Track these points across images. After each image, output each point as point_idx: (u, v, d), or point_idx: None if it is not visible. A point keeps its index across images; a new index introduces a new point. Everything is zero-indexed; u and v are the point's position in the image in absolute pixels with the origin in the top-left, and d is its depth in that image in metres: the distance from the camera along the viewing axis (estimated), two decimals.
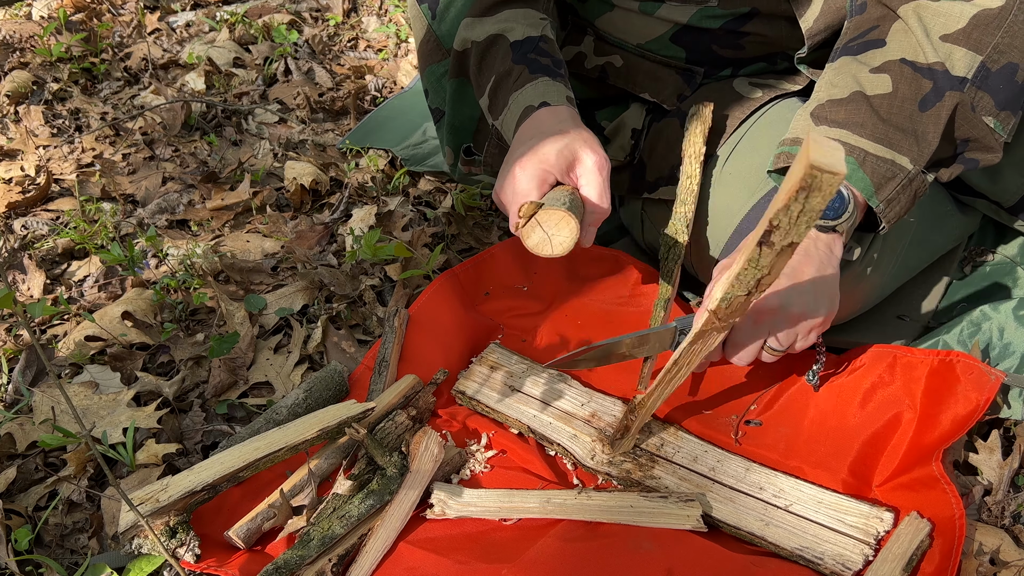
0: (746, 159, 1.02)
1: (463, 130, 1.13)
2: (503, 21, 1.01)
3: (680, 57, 1.09)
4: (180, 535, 0.82)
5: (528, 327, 1.15)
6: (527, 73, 0.96)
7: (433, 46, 1.09)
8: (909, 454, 0.89)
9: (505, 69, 0.97)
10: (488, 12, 1.02)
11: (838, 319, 1.04)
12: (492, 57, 1.00)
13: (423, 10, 1.09)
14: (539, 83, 0.95)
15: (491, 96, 1.00)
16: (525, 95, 0.94)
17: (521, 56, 0.97)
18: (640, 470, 0.92)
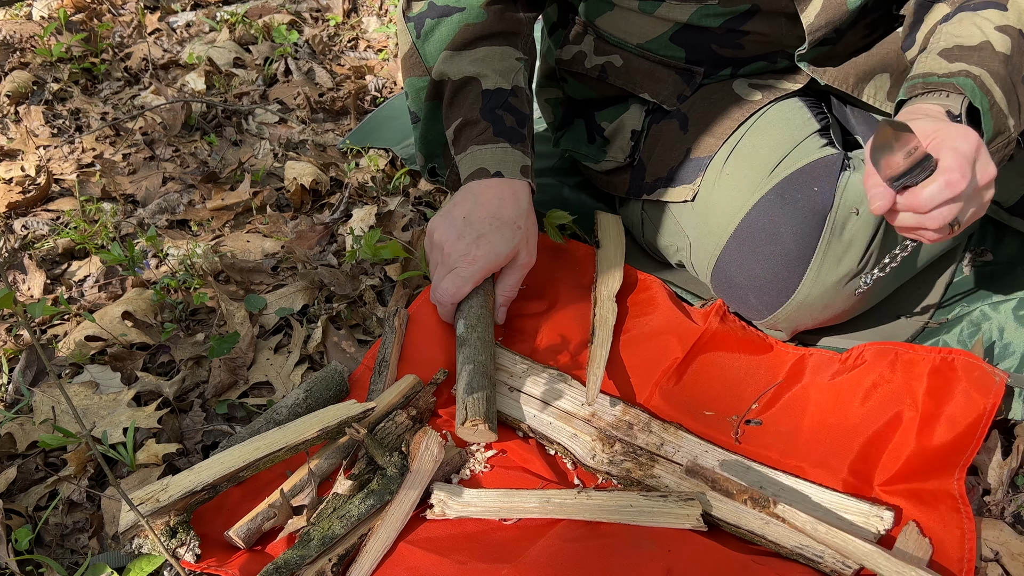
0: (746, 159, 1.02)
1: (434, 143, 1.21)
2: (479, 63, 1.06)
3: (680, 57, 1.09)
4: (180, 535, 0.82)
5: (529, 327, 1.15)
6: (490, 133, 1.04)
7: (415, 61, 1.14)
8: (915, 457, 0.89)
9: (472, 118, 1.05)
10: (468, 46, 1.08)
11: (838, 319, 1.04)
12: (463, 99, 1.06)
13: (409, 27, 1.13)
14: (499, 149, 1.03)
15: (455, 134, 1.07)
16: (483, 155, 1.03)
17: (489, 111, 1.04)
18: (640, 469, 0.92)
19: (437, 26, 1.10)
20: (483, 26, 1.08)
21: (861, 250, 0.95)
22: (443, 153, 1.22)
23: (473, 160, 1.04)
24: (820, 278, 0.95)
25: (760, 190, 0.98)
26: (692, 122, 1.08)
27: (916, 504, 0.85)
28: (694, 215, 1.05)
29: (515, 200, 1.02)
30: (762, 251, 0.97)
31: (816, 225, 0.94)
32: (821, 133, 1.03)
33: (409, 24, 1.13)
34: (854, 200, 0.95)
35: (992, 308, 1.07)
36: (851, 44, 1.04)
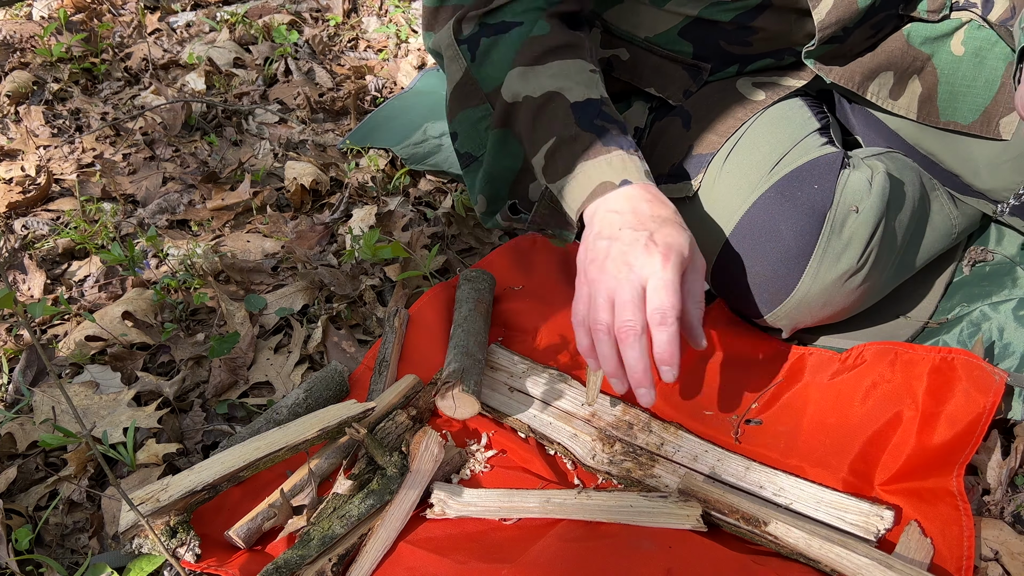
0: (746, 156, 1.02)
1: (501, 180, 1.05)
2: (558, 77, 0.94)
3: (687, 52, 1.09)
4: (180, 535, 0.82)
5: (529, 327, 1.15)
6: (599, 144, 0.89)
7: (470, 89, 1.00)
8: (914, 456, 0.89)
9: (570, 134, 0.91)
10: (538, 61, 0.95)
11: (838, 317, 1.04)
12: (550, 116, 0.93)
13: (462, 51, 0.99)
14: (615, 157, 0.89)
15: (548, 158, 0.93)
16: (599, 168, 0.88)
17: (588, 122, 0.91)
18: (640, 469, 0.92)
19: (495, 45, 0.97)
20: (549, 39, 0.96)
21: (860, 248, 0.95)
22: (512, 190, 1.06)
23: (587, 178, 0.89)
24: (819, 276, 0.95)
25: (760, 188, 0.98)
26: (695, 119, 1.08)
27: (916, 503, 0.85)
28: (694, 213, 1.05)
29: (661, 200, 0.88)
30: (762, 249, 0.97)
31: (815, 223, 0.94)
32: (821, 132, 1.04)
33: (462, 47, 0.99)
34: (853, 198, 0.95)
35: (992, 308, 1.07)
36: (857, 44, 1.04)
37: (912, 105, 1.06)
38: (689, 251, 0.83)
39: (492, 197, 1.06)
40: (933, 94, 1.04)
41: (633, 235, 0.82)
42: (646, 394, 0.82)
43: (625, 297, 0.80)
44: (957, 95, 1.02)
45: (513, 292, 1.21)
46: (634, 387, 0.83)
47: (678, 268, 0.80)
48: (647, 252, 0.80)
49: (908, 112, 1.06)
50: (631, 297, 0.80)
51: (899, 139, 1.11)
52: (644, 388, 0.82)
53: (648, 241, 0.81)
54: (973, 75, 1.01)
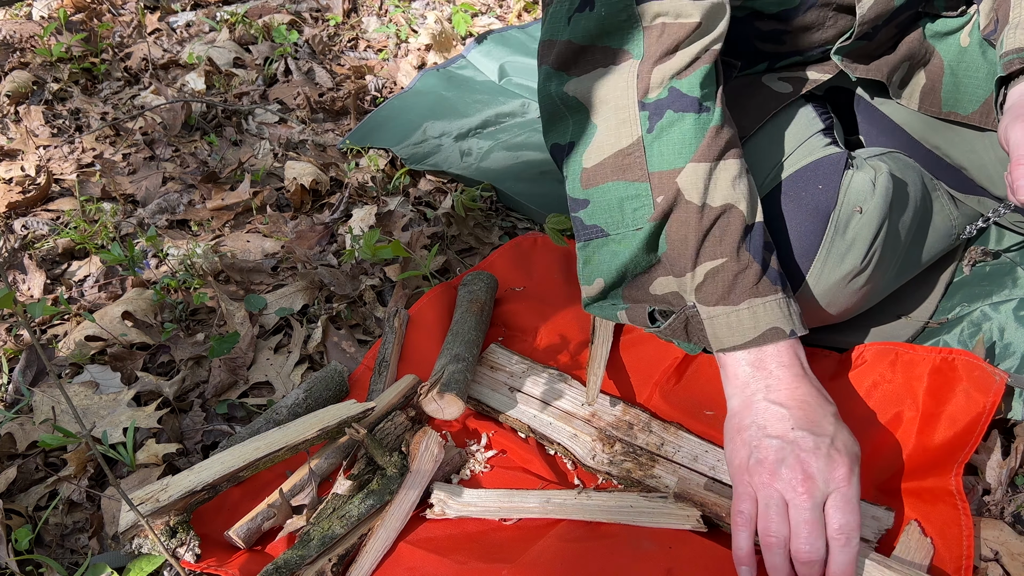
0: (750, 157, 1.02)
1: (630, 274, 0.93)
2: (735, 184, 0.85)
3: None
4: (180, 535, 0.82)
5: (529, 327, 1.15)
6: (767, 282, 0.84)
7: (633, 162, 0.87)
8: (914, 456, 0.89)
9: (743, 264, 0.83)
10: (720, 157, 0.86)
11: (840, 317, 1.04)
12: (720, 233, 0.84)
13: (641, 118, 0.86)
14: (782, 301, 0.84)
15: (709, 278, 0.84)
16: (770, 311, 0.83)
17: (758, 251, 0.85)
18: (640, 469, 0.92)
19: (679, 123, 0.85)
20: (726, 130, 0.87)
21: (864, 248, 0.95)
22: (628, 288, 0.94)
23: (754, 317, 0.82)
24: (823, 276, 0.95)
25: (764, 188, 0.98)
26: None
27: (915, 503, 0.85)
28: None
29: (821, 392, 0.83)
30: None
31: (819, 223, 0.94)
32: (825, 132, 1.04)
33: (643, 114, 0.86)
34: (857, 199, 0.95)
35: (992, 308, 1.07)
36: (882, 42, 1.05)
37: (914, 95, 1.06)
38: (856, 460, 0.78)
39: (613, 285, 0.95)
40: (937, 85, 1.04)
41: (814, 441, 0.76)
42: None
43: (807, 516, 0.74)
44: (960, 85, 1.03)
45: (513, 292, 1.21)
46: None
47: (859, 481, 0.76)
48: (830, 464, 0.75)
49: (910, 102, 1.07)
50: (814, 517, 0.74)
51: (905, 134, 1.11)
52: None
53: (830, 450, 0.76)
54: (977, 66, 1.01)
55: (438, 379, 0.96)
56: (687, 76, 0.86)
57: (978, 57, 1.01)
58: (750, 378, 0.83)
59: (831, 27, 1.04)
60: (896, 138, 1.13)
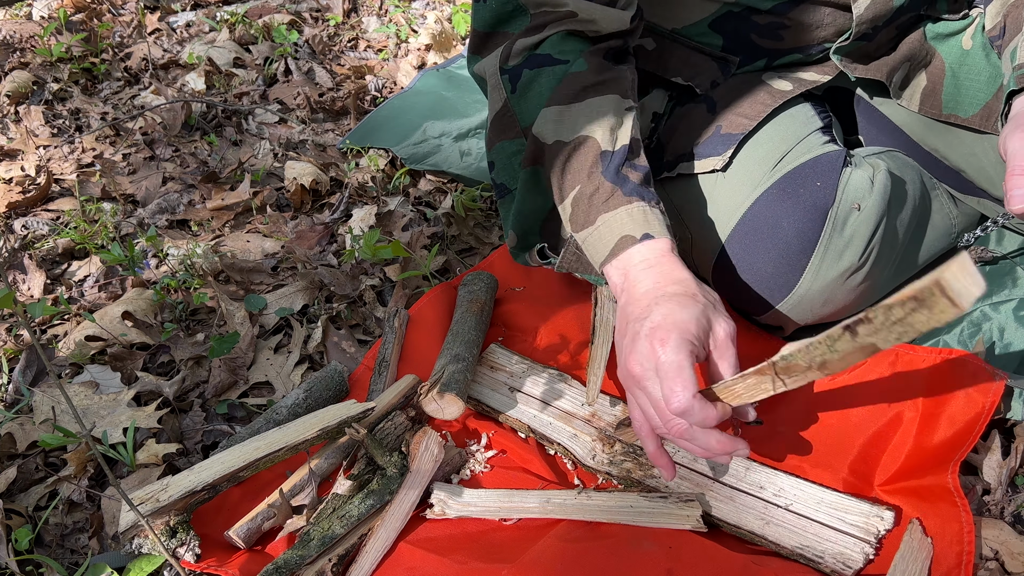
0: (749, 153, 1.02)
1: (532, 218, 1.04)
2: (591, 118, 0.92)
3: (717, 45, 1.08)
4: (180, 535, 0.82)
5: (529, 327, 1.15)
6: (620, 194, 0.88)
7: (509, 122, 0.99)
8: (913, 455, 0.89)
9: (594, 185, 0.90)
10: (576, 98, 0.94)
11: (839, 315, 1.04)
12: (578, 164, 0.92)
13: (503, 81, 0.98)
14: (635, 209, 0.88)
15: (574, 206, 0.92)
16: (619, 220, 0.87)
17: (613, 172, 0.90)
18: (640, 469, 0.92)
19: (536, 79, 0.95)
20: (588, 75, 0.94)
21: (862, 245, 0.95)
22: (544, 228, 1.04)
23: (609, 231, 0.88)
24: (821, 273, 0.96)
25: (762, 185, 0.99)
26: (720, 106, 1.08)
27: (915, 501, 0.85)
28: (696, 209, 1.05)
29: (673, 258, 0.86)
30: (764, 246, 0.97)
31: (818, 220, 0.94)
32: (823, 131, 1.04)
33: (504, 78, 0.98)
34: (855, 196, 0.95)
35: (992, 308, 1.07)
36: (882, 43, 1.05)
37: (915, 97, 1.06)
38: (697, 324, 0.78)
39: (523, 234, 1.04)
40: (938, 87, 1.04)
41: (637, 328, 0.79)
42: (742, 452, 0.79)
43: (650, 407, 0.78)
44: (961, 88, 1.03)
45: (513, 292, 1.21)
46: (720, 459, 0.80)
47: (679, 348, 0.75)
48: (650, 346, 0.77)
49: (910, 104, 1.07)
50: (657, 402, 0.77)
51: (904, 135, 1.11)
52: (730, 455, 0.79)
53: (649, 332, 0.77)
54: (979, 69, 1.01)
55: (438, 379, 0.96)
56: (544, 43, 0.96)
57: (980, 60, 1.01)
58: (619, 289, 0.86)
59: (830, 25, 1.04)
60: (895, 139, 1.13)
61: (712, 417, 0.74)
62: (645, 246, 0.86)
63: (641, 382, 0.78)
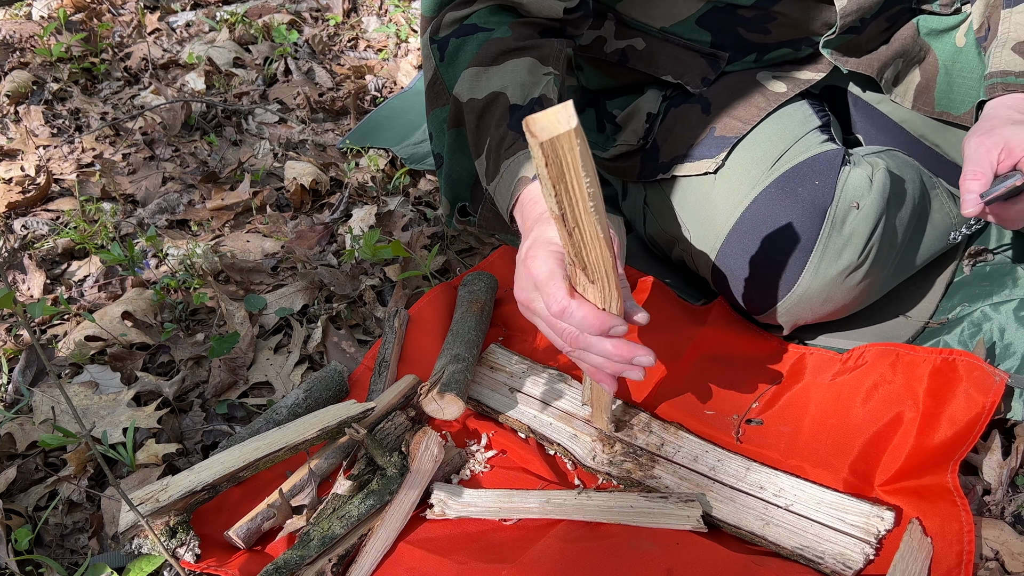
0: (747, 153, 1.02)
1: (460, 182, 1.05)
2: (505, 78, 0.94)
3: (705, 41, 1.08)
4: (180, 535, 0.82)
5: (529, 327, 1.15)
6: (521, 141, 0.89)
7: (439, 89, 1.01)
8: (914, 455, 0.89)
9: (500, 134, 0.91)
10: (494, 62, 0.95)
11: (838, 314, 1.04)
12: (489, 118, 0.94)
13: (433, 50, 1.01)
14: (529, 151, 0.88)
15: (486, 159, 0.94)
16: (518, 163, 0.88)
17: (517, 121, 0.90)
18: (640, 470, 0.92)
19: (462, 46, 0.98)
20: (509, 41, 0.97)
21: (861, 244, 0.95)
22: (471, 193, 1.05)
23: (508, 175, 0.88)
24: (820, 271, 0.96)
25: (761, 183, 0.99)
26: (715, 107, 1.08)
27: (915, 501, 0.85)
28: (695, 209, 1.05)
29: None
30: (762, 245, 0.97)
31: (816, 219, 0.94)
32: (822, 129, 1.04)
33: (433, 47, 1.01)
34: (854, 195, 0.95)
35: (993, 308, 1.07)
36: (872, 36, 1.05)
37: (908, 93, 1.06)
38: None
39: (454, 199, 1.06)
40: (931, 84, 1.04)
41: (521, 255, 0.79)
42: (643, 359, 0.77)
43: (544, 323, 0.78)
44: (954, 85, 1.03)
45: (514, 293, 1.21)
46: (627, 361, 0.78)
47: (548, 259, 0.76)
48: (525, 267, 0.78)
49: (904, 100, 1.07)
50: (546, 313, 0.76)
51: (904, 132, 1.11)
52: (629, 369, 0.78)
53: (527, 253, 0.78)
54: (972, 67, 1.01)
55: (438, 379, 0.96)
56: (473, 15, 0.99)
57: (973, 58, 1.01)
58: (521, 228, 0.86)
59: (816, 18, 1.04)
60: (895, 136, 1.13)
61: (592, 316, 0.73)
62: (534, 186, 0.86)
63: (529, 305, 0.79)
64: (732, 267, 1.01)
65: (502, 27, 0.98)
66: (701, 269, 1.10)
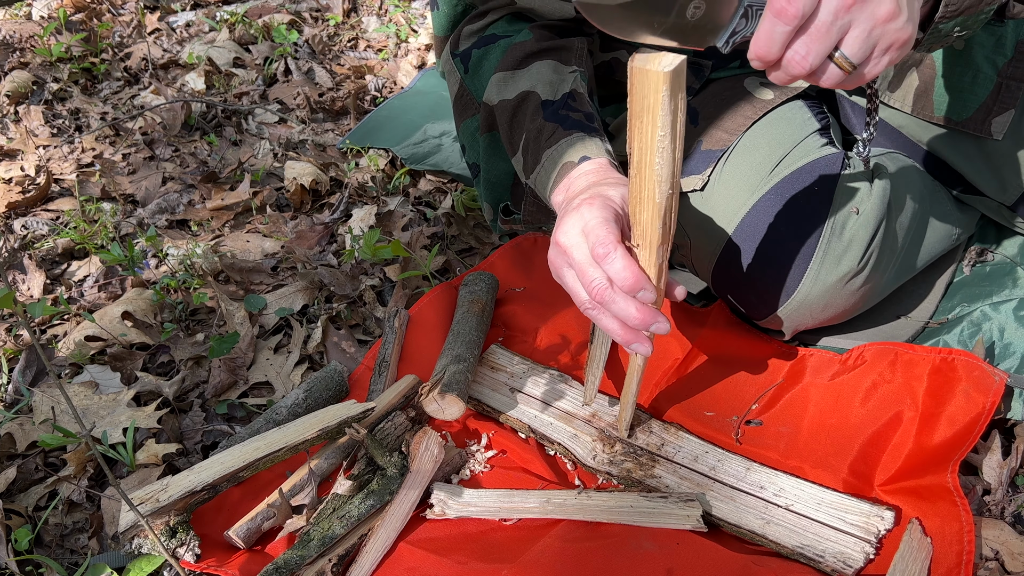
0: (746, 158, 1.02)
1: (499, 185, 1.07)
2: (533, 78, 0.96)
3: (688, 51, 1.08)
4: (180, 535, 0.82)
5: (529, 328, 1.15)
6: (561, 130, 0.91)
7: (467, 100, 1.04)
8: (913, 455, 0.89)
9: (536, 127, 0.93)
10: (520, 65, 0.98)
11: (839, 319, 1.04)
12: (522, 115, 0.96)
13: (456, 63, 1.04)
14: (574, 138, 0.90)
15: (524, 154, 0.95)
16: (560, 151, 0.90)
17: (552, 113, 0.92)
18: (641, 469, 0.92)
19: (485, 56, 1.01)
20: (531, 44, 0.99)
21: (861, 250, 0.95)
22: (514, 193, 1.08)
23: (551, 163, 0.90)
24: (820, 277, 0.95)
25: (760, 189, 0.98)
26: (703, 117, 1.08)
27: (915, 501, 0.85)
28: (695, 214, 1.05)
29: (611, 169, 0.85)
30: (762, 251, 0.97)
31: (816, 224, 0.94)
32: (821, 132, 1.04)
33: (456, 60, 1.04)
34: (854, 199, 0.95)
35: (992, 308, 1.07)
36: None
37: (907, 98, 1.06)
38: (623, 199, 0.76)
39: (495, 203, 1.08)
40: (930, 88, 1.04)
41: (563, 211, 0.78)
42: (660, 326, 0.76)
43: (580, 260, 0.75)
44: (954, 90, 1.02)
45: (514, 293, 1.21)
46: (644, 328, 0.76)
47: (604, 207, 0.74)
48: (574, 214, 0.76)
49: (903, 105, 1.06)
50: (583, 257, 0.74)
51: (902, 136, 1.11)
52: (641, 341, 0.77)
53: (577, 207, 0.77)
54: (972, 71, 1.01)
55: (439, 379, 0.96)
56: (491, 26, 1.01)
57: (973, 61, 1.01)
58: (565, 199, 0.85)
59: None
60: (894, 140, 1.13)
61: (631, 269, 0.71)
62: (583, 165, 0.86)
63: (568, 252, 0.75)
64: (732, 273, 1.01)
65: (522, 32, 0.99)
66: (701, 273, 1.10)
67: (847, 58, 0.66)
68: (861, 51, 0.66)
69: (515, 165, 0.98)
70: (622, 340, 0.77)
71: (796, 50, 0.65)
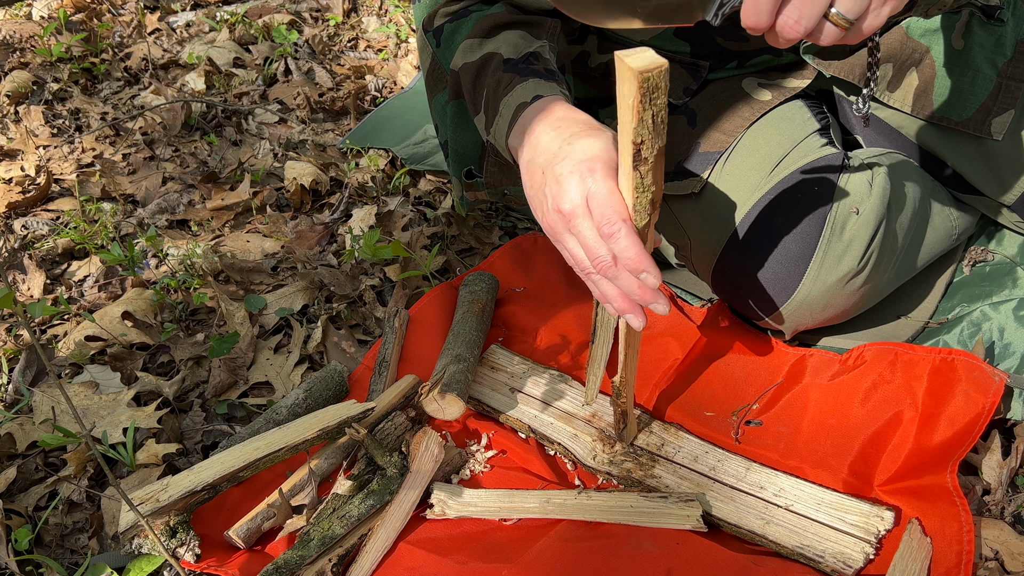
0: (746, 158, 1.02)
1: (466, 156, 1.06)
2: (500, 42, 0.96)
3: (685, 52, 1.08)
4: (180, 535, 0.82)
5: (529, 327, 1.15)
6: (517, 78, 0.89)
7: (439, 75, 1.04)
8: (913, 456, 0.89)
9: (495, 80, 0.91)
10: (489, 34, 0.98)
11: (839, 319, 1.04)
12: (484, 74, 0.95)
13: (428, 38, 1.04)
14: (529, 83, 0.89)
15: (485, 112, 0.94)
16: (515, 96, 0.87)
17: (511, 67, 0.91)
18: (641, 470, 0.92)
19: (458, 28, 1.01)
20: (503, 15, 0.98)
21: (861, 250, 0.95)
22: (478, 162, 1.07)
23: (507, 110, 0.87)
24: (820, 278, 0.95)
25: (760, 189, 0.98)
26: (701, 118, 1.08)
27: (915, 501, 0.85)
28: (697, 211, 1.05)
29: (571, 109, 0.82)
30: (762, 251, 0.97)
31: (816, 224, 0.94)
32: (821, 133, 1.04)
33: (428, 35, 1.04)
34: (854, 200, 0.95)
35: (992, 308, 1.07)
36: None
37: (907, 98, 1.06)
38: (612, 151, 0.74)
39: (459, 176, 1.07)
40: (930, 88, 1.04)
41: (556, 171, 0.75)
42: (660, 307, 0.75)
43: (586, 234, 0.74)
44: (953, 89, 1.02)
45: (514, 293, 1.21)
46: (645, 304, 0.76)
47: (608, 175, 0.72)
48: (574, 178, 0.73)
49: (903, 105, 1.06)
50: (589, 233, 0.73)
51: (901, 136, 1.11)
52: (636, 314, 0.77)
53: (572, 168, 0.74)
54: (972, 70, 1.01)
55: (439, 379, 0.96)
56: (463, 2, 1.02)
57: (973, 61, 1.01)
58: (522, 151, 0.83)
59: None
60: (893, 140, 1.13)
61: (639, 249, 0.71)
62: (535, 104, 0.84)
63: (571, 220, 0.74)
64: (732, 274, 1.01)
65: (492, 7, 1.00)
66: (701, 274, 1.10)
67: (843, 15, 0.63)
68: (856, 6, 0.63)
69: (477, 125, 0.97)
70: (618, 308, 0.76)
71: (788, 15, 0.63)
